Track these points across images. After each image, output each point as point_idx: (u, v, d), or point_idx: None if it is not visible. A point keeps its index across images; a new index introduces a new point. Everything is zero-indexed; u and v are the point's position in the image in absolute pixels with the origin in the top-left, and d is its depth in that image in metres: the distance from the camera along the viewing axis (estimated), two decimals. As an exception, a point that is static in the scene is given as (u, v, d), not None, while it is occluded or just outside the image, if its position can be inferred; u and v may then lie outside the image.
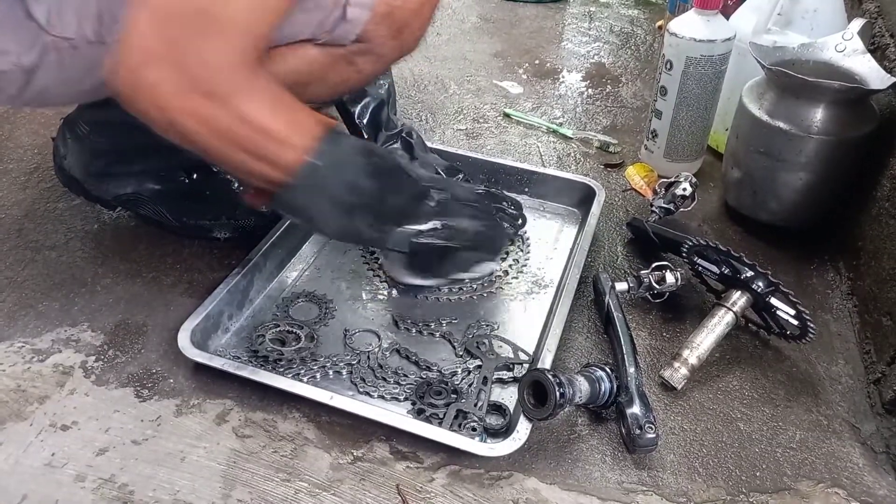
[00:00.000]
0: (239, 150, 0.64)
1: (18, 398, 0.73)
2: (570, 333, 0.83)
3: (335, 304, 0.84)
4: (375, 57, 0.79)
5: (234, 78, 0.61)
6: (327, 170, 0.67)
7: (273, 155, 0.65)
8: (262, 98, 0.64)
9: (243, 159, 0.64)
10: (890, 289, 0.78)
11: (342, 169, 0.69)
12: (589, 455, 0.70)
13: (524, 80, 1.40)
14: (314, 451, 0.69)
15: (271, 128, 0.64)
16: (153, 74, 0.59)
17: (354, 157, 0.70)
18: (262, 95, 0.64)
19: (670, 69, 1.01)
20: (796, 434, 0.73)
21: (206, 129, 0.62)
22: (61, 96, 0.74)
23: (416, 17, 0.77)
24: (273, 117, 0.64)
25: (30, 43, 0.67)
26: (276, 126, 0.64)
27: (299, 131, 0.66)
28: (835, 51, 0.93)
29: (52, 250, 0.92)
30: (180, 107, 0.60)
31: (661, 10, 1.70)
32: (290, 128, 0.66)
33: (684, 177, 0.98)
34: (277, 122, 0.64)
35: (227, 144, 0.64)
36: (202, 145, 0.63)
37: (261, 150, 0.64)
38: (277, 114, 0.65)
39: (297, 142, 0.65)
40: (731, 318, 0.79)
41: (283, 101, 0.66)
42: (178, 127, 0.62)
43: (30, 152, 1.10)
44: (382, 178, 0.72)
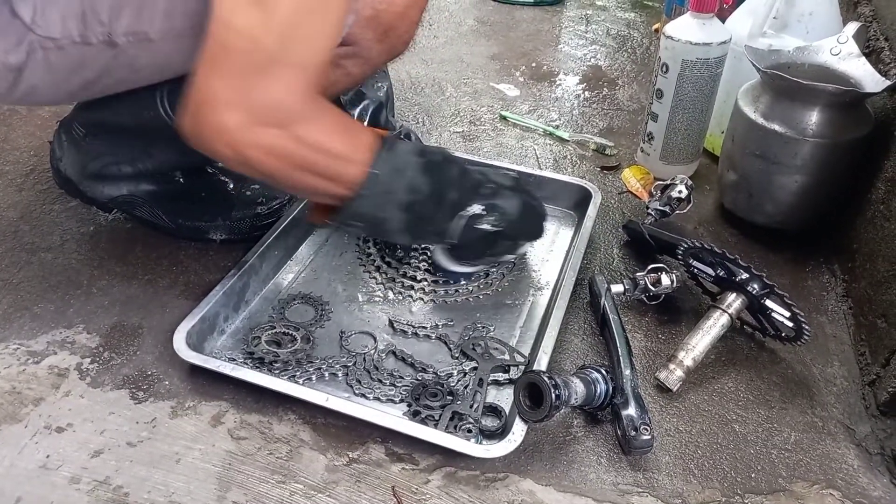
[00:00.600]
0: (306, 173, 0.68)
1: (13, 400, 0.73)
2: (565, 335, 0.83)
3: (331, 305, 0.85)
4: (363, 60, 0.80)
5: (301, 109, 0.65)
6: (387, 176, 0.71)
7: (337, 173, 0.69)
8: (326, 122, 0.69)
9: (313, 181, 0.69)
10: (885, 291, 0.78)
11: (401, 173, 0.72)
12: (584, 457, 0.70)
13: (521, 83, 1.41)
14: (309, 452, 0.69)
15: (333, 148, 0.68)
16: (226, 118, 0.63)
17: (409, 158, 0.73)
18: (326, 120, 0.69)
19: (666, 72, 1.02)
20: (791, 435, 0.73)
21: (278, 159, 0.66)
22: (51, 95, 0.75)
23: (402, 21, 0.78)
24: (333, 138, 0.69)
25: (16, 41, 0.67)
26: (337, 146, 0.69)
27: (358, 147, 0.70)
28: (830, 54, 0.93)
29: (48, 252, 0.92)
30: (253, 142, 0.65)
31: (657, 14, 1.71)
32: (349, 145, 0.70)
33: (680, 179, 0.98)
34: (338, 143, 0.69)
35: (294, 169, 0.68)
36: (271, 173, 0.68)
37: (326, 170, 0.69)
38: (337, 134, 0.69)
39: (358, 157, 0.70)
40: (726, 320, 0.79)
41: (341, 121, 0.71)
42: (252, 162, 0.66)
43: (26, 154, 1.10)
44: (436, 173, 0.75)
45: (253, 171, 0.68)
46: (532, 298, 0.88)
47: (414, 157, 0.74)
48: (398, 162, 0.72)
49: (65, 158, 0.92)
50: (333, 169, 0.69)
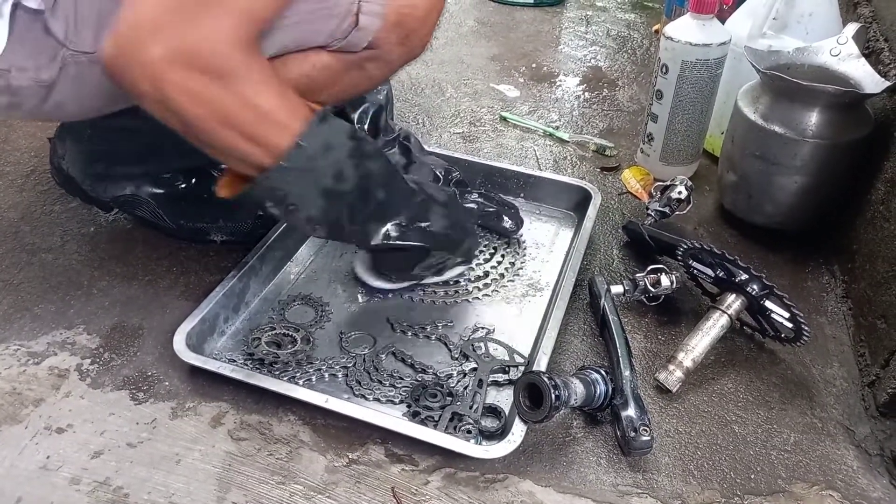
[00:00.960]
0: (229, 130, 0.63)
1: (13, 401, 0.73)
2: (565, 336, 0.83)
3: (331, 306, 0.85)
4: (384, 62, 0.80)
5: (232, 56, 0.61)
6: (316, 151, 0.66)
7: (264, 136, 0.64)
8: (259, 79, 0.63)
9: (233, 140, 0.63)
10: (884, 292, 0.78)
11: (329, 151, 0.68)
12: (584, 457, 0.70)
13: (521, 84, 1.41)
14: (309, 453, 0.69)
15: (265, 107, 0.63)
16: (152, 48, 0.58)
17: (341, 138, 0.69)
18: (259, 77, 0.63)
19: (666, 73, 1.02)
20: (791, 437, 0.73)
21: (200, 106, 0.61)
22: (76, 111, 0.75)
23: (424, 24, 0.78)
24: (267, 98, 0.63)
25: (49, 58, 0.67)
26: (269, 106, 0.63)
27: (292, 113, 0.65)
28: (829, 55, 0.93)
29: (49, 253, 0.92)
30: (176, 82, 0.59)
31: (657, 14, 1.71)
32: (283, 109, 0.65)
33: (680, 180, 0.98)
34: (271, 103, 0.64)
35: (218, 123, 0.62)
36: (192, 123, 0.62)
37: (252, 130, 0.63)
38: (271, 95, 0.64)
39: (290, 123, 0.65)
40: (725, 320, 0.79)
41: (277, 84, 0.65)
42: (171, 103, 0.60)
43: (27, 155, 1.10)
44: (366, 163, 0.71)
45: (173, 118, 0.62)
46: (532, 299, 0.88)
47: (346, 138, 0.70)
48: (329, 138, 0.68)
49: (67, 157, 0.92)
50: (260, 130, 0.64)
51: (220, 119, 0.62)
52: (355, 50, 0.76)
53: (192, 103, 0.61)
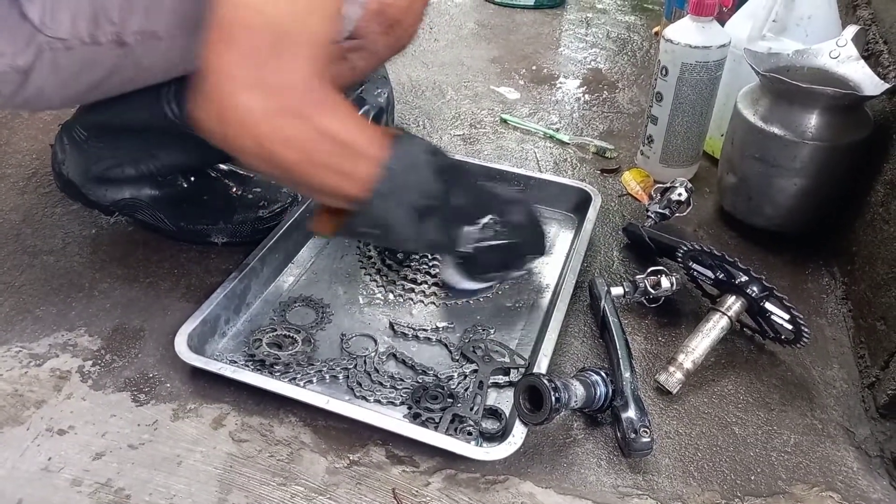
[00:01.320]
0: (322, 169, 0.66)
1: (15, 403, 0.73)
2: (565, 338, 0.83)
3: (332, 308, 0.85)
4: (368, 53, 0.79)
5: (312, 93, 0.63)
6: (402, 174, 0.68)
7: (352, 169, 0.66)
8: (338, 112, 0.66)
9: (325, 178, 0.66)
10: (884, 294, 0.78)
11: (415, 170, 0.70)
12: (584, 459, 0.70)
13: (521, 86, 1.41)
14: (310, 455, 0.69)
15: (349, 140, 0.65)
16: (241, 101, 0.60)
17: (422, 156, 0.71)
18: (338, 109, 0.66)
19: (666, 75, 1.02)
20: (791, 438, 0.73)
21: (292, 148, 0.63)
22: (57, 98, 0.75)
23: (408, 14, 0.78)
24: (351, 129, 0.66)
25: (24, 43, 0.67)
26: (353, 138, 0.66)
27: (373, 141, 0.67)
28: (829, 57, 0.94)
29: (50, 255, 0.92)
30: (272, 131, 0.62)
31: (657, 17, 1.71)
32: (363, 137, 0.67)
33: (680, 182, 0.98)
34: (354, 135, 0.66)
35: (311, 164, 0.65)
36: (289, 167, 0.65)
37: (342, 165, 0.66)
38: (353, 125, 0.67)
39: (373, 152, 0.67)
40: (725, 322, 0.79)
41: (354, 112, 0.69)
42: (268, 152, 0.63)
43: (28, 157, 1.10)
44: (448, 175, 0.73)
45: (269, 165, 0.65)
46: (532, 301, 0.88)
47: (426, 154, 0.72)
48: (412, 158, 0.70)
49: (67, 161, 0.92)
50: (349, 164, 0.66)
51: (316, 160, 0.65)
52: (338, 40, 0.75)
53: (291, 150, 0.63)
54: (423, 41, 1.59)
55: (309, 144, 0.64)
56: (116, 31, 0.68)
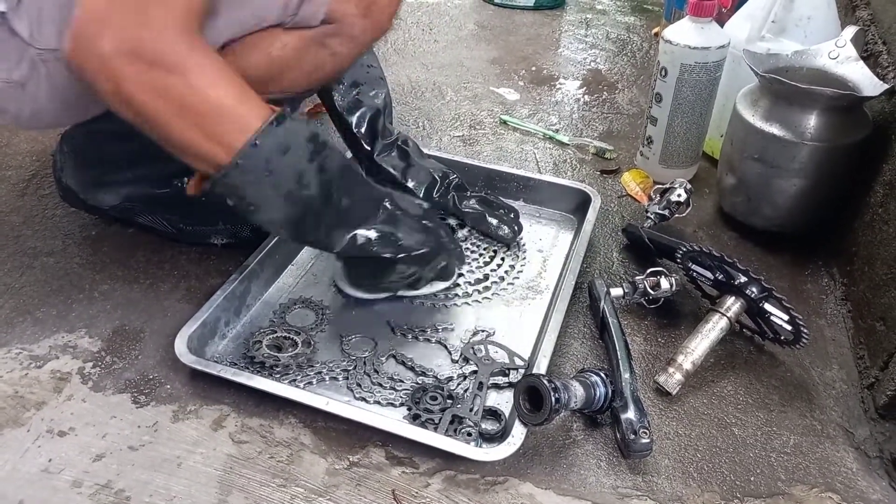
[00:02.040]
0: (185, 123, 0.63)
1: (16, 404, 0.73)
2: (565, 339, 0.83)
3: (331, 309, 0.85)
4: (347, 38, 0.78)
5: (178, 48, 0.61)
6: (272, 153, 0.65)
7: (220, 132, 0.63)
8: (212, 72, 0.63)
9: (189, 135, 0.63)
10: (883, 294, 0.79)
11: (287, 153, 0.66)
12: (584, 460, 0.70)
13: (521, 87, 1.41)
14: (310, 456, 0.69)
15: (220, 102, 0.63)
16: (102, 42, 0.59)
17: (300, 141, 0.68)
18: (212, 70, 0.63)
19: (665, 76, 1.02)
20: (790, 439, 0.73)
21: (155, 98, 0.61)
22: (61, 112, 0.76)
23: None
24: (223, 92, 0.63)
25: (17, 58, 0.68)
26: (225, 101, 0.63)
27: (249, 111, 0.64)
28: (828, 58, 0.94)
29: (50, 257, 0.92)
30: (129, 75, 0.60)
31: (657, 18, 1.71)
32: (240, 106, 0.64)
33: (679, 183, 0.98)
34: (227, 98, 0.63)
35: (174, 116, 0.62)
36: (149, 116, 0.63)
37: (208, 125, 0.63)
38: (227, 90, 0.64)
39: (246, 121, 0.64)
40: (725, 323, 0.79)
41: (233, 79, 0.65)
42: (127, 97, 0.61)
43: (28, 159, 1.11)
44: (328, 168, 0.70)
45: (131, 112, 0.63)
46: (531, 302, 0.88)
47: (306, 141, 0.68)
48: (287, 140, 0.66)
49: (66, 169, 0.93)
50: (216, 126, 0.63)
51: (175, 111, 0.62)
52: (313, 24, 0.75)
53: (148, 95, 0.61)
54: (423, 42, 1.59)
55: (171, 94, 0.61)
56: None
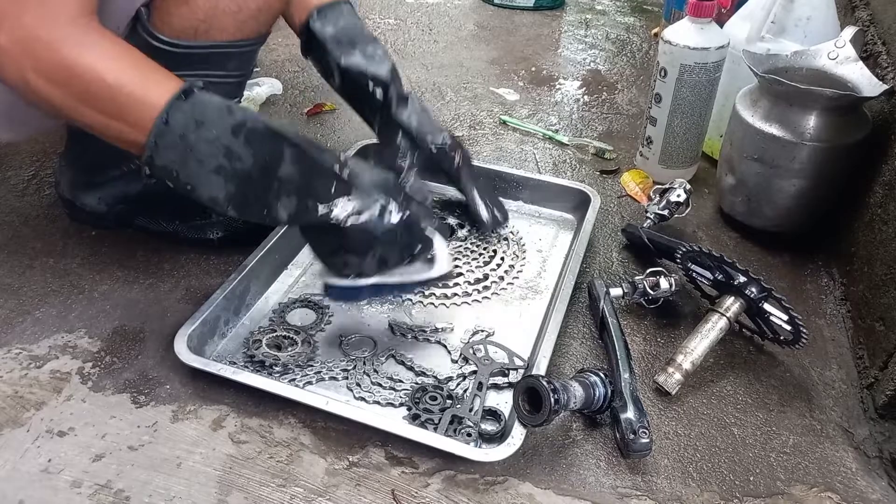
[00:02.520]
0: (90, 108, 0.64)
1: (15, 404, 0.73)
2: (565, 339, 0.83)
3: (331, 309, 0.85)
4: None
5: (72, 31, 0.62)
6: (186, 128, 0.64)
7: (127, 112, 0.63)
8: (109, 53, 0.63)
9: (99, 119, 0.64)
10: (883, 294, 0.79)
11: (203, 126, 0.64)
12: (583, 460, 0.70)
13: (521, 88, 1.41)
14: (310, 456, 0.69)
15: (122, 83, 0.63)
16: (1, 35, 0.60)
17: (217, 115, 0.65)
18: (109, 50, 0.64)
19: (665, 76, 1.02)
20: (790, 439, 0.73)
21: (54, 86, 0.62)
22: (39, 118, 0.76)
23: None
24: (123, 72, 0.63)
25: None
26: (127, 81, 0.63)
27: (153, 86, 0.64)
28: (827, 58, 0.94)
29: (50, 257, 0.92)
30: (29, 66, 0.61)
31: (656, 18, 1.72)
32: (141, 83, 0.64)
33: (679, 183, 0.98)
34: (128, 78, 0.63)
35: (77, 101, 0.63)
36: (58, 106, 0.64)
37: (114, 107, 0.63)
38: (124, 69, 0.64)
39: (150, 98, 0.63)
40: (724, 323, 0.79)
41: (133, 56, 0.65)
42: (33, 88, 0.62)
43: (28, 160, 1.11)
44: (262, 142, 0.66)
45: (39, 101, 0.64)
46: (531, 302, 0.88)
47: (224, 113, 0.65)
48: (199, 115, 0.64)
49: (62, 180, 0.94)
50: (119, 105, 0.63)
51: (79, 97, 0.63)
52: None
53: (49, 84, 0.62)
54: (423, 43, 1.59)
55: (66, 78, 0.62)
56: None
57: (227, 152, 0.66)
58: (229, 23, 0.79)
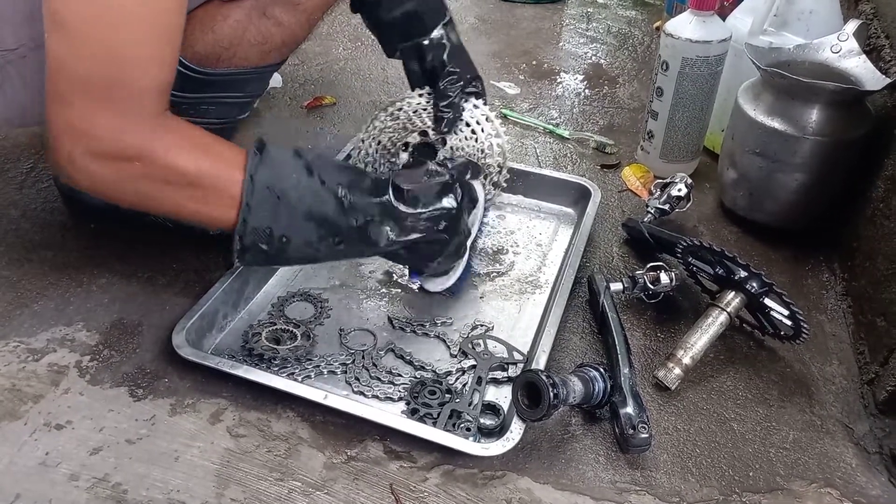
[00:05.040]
0: (180, 200, 0.65)
1: (13, 397, 0.73)
2: (564, 334, 0.83)
3: (330, 303, 0.85)
4: (289, 5, 0.76)
5: (140, 133, 0.61)
6: (270, 179, 0.65)
7: (211, 192, 0.64)
8: (177, 144, 0.64)
9: (190, 206, 0.65)
10: (884, 289, 0.78)
11: (284, 174, 0.66)
12: (582, 455, 0.70)
13: (521, 81, 1.40)
14: (308, 450, 0.69)
15: (196, 168, 0.63)
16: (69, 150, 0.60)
17: (286, 157, 0.67)
18: (176, 140, 0.64)
19: (666, 70, 1.01)
20: (790, 434, 0.73)
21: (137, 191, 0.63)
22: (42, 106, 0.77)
23: None
24: (194, 158, 0.64)
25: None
26: (202, 165, 0.64)
27: (226, 161, 0.65)
28: (830, 52, 0.93)
29: (48, 250, 0.92)
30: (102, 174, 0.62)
31: (658, 11, 1.71)
32: (215, 161, 0.65)
33: (680, 177, 0.98)
34: (202, 162, 0.64)
35: (164, 197, 0.64)
36: (146, 205, 0.65)
37: (196, 192, 0.64)
38: (198, 153, 0.64)
39: (229, 172, 0.64)
40: (724, 318, 0.79)
41: (199, 138, 0.66)
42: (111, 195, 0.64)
43: (26, 152, 1.10)
44: (326, 170, 0.68)
45: (128, 203, 0.65)
46: (531, 296, 0.88)
47: (293, 157, 0.67)
48: (275, 163, 0.66)
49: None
50: (205, 188, 0.64)
51: (165, 193, 0.64)
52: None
53: (128, 187, 0.63)
54: None
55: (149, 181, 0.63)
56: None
57: (312, 193, 0.66)
58: (253, 53, 0.79)
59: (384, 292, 0.87)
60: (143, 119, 0.61)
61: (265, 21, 0.77)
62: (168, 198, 0.64)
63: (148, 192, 0.64)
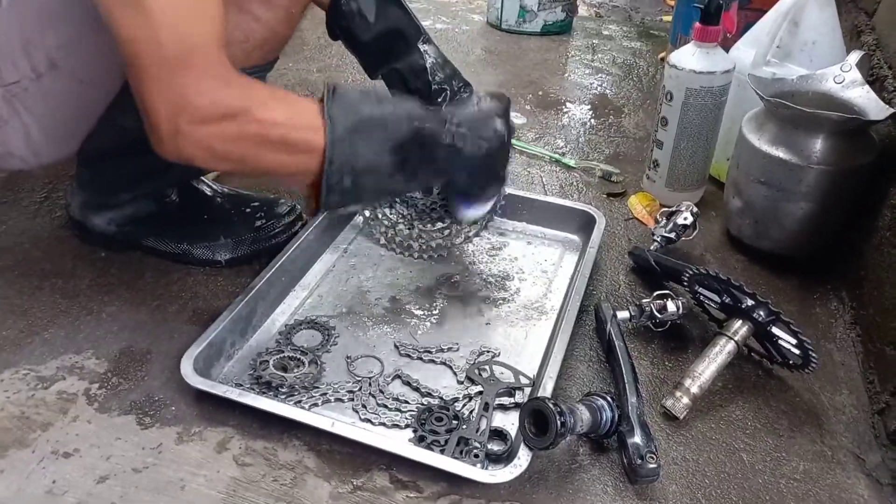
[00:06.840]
0: (271, 149, 0.68)
1: (21, 425, 0.73)
2: (571, 362, 0.82)
3: (337, 330, 0.85)
4: (268, 2, 0.78)
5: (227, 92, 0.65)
6: (345, 114, 0.69)
7: (297, 138, 0.68)
8: (262, 96, 0.68)
9: (279, 157, 0.69)
10: (893, 318, 0.78)
11: (356, 107, 0.71)
12: (590, 485, 0.69)
13: (528, 111, 1.42)
14: (314, 479, 0.69)
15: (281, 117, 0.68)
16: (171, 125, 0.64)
17: (354, 95, 0.72)
18: (261, 94, 0.69)
19: (671, 100, 1.03)
20: (800, 465, 0.72)
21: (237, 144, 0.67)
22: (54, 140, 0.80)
23: None
24: (276, 107, 0.69)
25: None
26: (283, 112, 0.69)
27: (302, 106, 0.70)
28: (833, 82, 0.94)
29: (59, 278, 0.93)
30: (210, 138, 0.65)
31: (663, 43, 1.73)
32: (292, 108, 0.70)
33: (686, 206, 0.98)
34: (281, 110, 0.69)
35: (259, 149, 0.68)
36: (243, 159, 0.68)
37: (286, 138, 0.68)
38: (276, 102, 0.69)
39: (308, 114, 0.69)
40: (732, 347, 0.78)
41: (276, 90, 0.71)
42: (218, 154, 0.67)
43: (40, 182, 1.12)
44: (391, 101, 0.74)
45: (230, 164, 0.70)
46: (537, 323, 0.88)
47: (357, 93, 0.72)
48: (347, 100, 0.71)
49: (73, 202, 0.95)
50: (293, 135, 0.68)
51: (262, 144, 0.68)
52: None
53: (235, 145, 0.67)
54: None
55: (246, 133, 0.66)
56: (44, 54, 0.71)
57: (387, 121, 0.71)
58: (237, 51, 0.80)
59: (391, 319, 0.87)
60: (227, 77, 0.66)
61: (244, 16, 0.78)
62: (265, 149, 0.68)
63: (247, 147, 0.67)
